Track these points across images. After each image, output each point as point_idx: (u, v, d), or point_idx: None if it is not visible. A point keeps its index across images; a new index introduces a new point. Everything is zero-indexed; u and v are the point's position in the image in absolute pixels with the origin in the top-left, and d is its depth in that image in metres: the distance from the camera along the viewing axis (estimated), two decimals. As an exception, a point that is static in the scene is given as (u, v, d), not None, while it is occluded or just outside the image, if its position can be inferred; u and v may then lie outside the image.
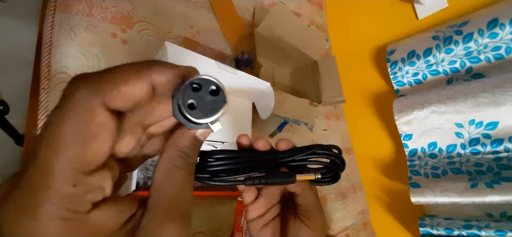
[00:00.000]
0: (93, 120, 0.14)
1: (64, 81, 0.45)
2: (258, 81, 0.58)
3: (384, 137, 0.96)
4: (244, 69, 0.55)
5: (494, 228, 0.64)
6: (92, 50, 0.48)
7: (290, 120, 0.72)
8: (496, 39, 0.68)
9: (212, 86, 0.17)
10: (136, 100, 0.16)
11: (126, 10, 0.55)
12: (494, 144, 0.68)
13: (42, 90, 0.44)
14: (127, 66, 0.16)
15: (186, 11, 0.65)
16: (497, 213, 0.69)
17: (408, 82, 0.88)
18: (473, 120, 0.70)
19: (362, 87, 1.03)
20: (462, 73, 0.77)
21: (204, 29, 0.67)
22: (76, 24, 0.48)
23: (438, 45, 0.77)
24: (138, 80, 0.16)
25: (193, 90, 0.17)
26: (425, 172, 0.79)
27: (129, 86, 0.15)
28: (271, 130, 0.76)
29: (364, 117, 1.02)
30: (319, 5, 1.12)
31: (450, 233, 0.70)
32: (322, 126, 0.95)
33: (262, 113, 0.62)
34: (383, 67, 0.94)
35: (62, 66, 0.45)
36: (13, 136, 0.66)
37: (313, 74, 0.82)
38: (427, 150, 0.80)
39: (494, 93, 0.66)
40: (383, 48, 0.95)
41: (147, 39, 0.56)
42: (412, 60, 0.83)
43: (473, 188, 0.67)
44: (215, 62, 0.51)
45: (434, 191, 0.73)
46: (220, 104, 0.17)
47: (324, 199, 0.83)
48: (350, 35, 1.09)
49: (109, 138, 0.15)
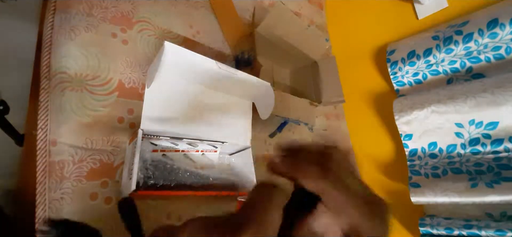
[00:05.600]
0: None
1: (64, 81, 0.45)
2: (258, 81, 0.58)
3: (384, 137, 0.96)
4: (244, 69, 0.55)
5: (494, 228, 0.64)
6: (92, 50, 0.48)
7: (290, 120, 0.72)
8: (496, 39, 0.68)
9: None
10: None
11: (126, 10, 0.55)
12: (494, 144, 0.68)
13: (42, 90, 0.44)
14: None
15: (186, 11, 0.65)
16: (497, 213, 0.69)
17: (408, 82, 0.88)
18: (473, 120, 0.70)
19: (362, 87, 1.03)
20: (462, 73, 0.77)
21: (204, 29, 0.67)
22: (76, 24, 0.48)
23: (438, 45, 0.77)
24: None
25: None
26: (425, 172, 0.79)
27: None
28: (271, 130, 0.76)
29: (364, 117, 1.02)
30: (319, 5, 1.12)
31: (450, 233, 0.70)
32: (322, 126, 0.94)
33: (262, 113, 0.62)
34: (383, 67, 0.94)
35: (62, 66, 0.45)
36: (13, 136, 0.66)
37: (313, 74, 0.82)
38: (427, 150, 0.80)
39: (494, 93, 0.65)
40: (383, 48, 0.95)
41: (147, 39, 0.56)
42: (412, 60, 0.82)
43: (473, 188, 0.67)
44: (215, 62, 0.51)
45: (434, 191, 0.73)
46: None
47: (324, 199, 0.83)
48: (350, 35, 1.09)
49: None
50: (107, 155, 0.46)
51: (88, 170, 0.44)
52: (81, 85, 0.46)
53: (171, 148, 0.53)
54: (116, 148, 0.48)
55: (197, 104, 0.54)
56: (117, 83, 0.50)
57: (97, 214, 0.44)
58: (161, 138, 0.49)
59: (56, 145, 0.43)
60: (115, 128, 0.48)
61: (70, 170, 0.42)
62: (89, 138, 0.45)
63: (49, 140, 0.42)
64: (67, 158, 0.43)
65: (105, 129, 0.47)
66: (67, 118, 0.44)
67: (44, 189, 0.41)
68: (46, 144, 0.42)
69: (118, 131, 0.48)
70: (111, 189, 0.46)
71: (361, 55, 1.04)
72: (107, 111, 0.48)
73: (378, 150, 0.97)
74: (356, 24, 1.08)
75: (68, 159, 0.43)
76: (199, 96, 0.54)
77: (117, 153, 0.47)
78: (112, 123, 0.48)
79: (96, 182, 0.45)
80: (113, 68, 0.50)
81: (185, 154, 0.56)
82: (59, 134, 0.43)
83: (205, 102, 0.55)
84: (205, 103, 0.55)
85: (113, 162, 0.47)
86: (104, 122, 0.47)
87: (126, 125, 0.49)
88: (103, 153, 0.46)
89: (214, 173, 0.57)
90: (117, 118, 0.49)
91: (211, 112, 0.55)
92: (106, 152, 0.46)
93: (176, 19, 0.62)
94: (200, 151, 0.57)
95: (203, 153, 0.58)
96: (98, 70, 0.48)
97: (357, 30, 1.07)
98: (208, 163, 0.58)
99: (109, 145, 0.47)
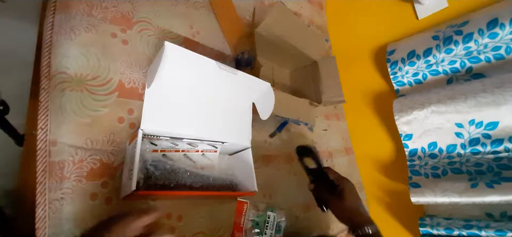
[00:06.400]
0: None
1: (64, 81, 0.45)
2: (258, 81, 0.58)
3: (384, 137, 0.96)
4: (244, 69, 0.55)
5: (494, 228, 0.64)
6: (92, 50, 0.48)
7: (290, 120, 0.72)
8: (496, 39, 0.68)
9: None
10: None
11: (126, 10, 0.55)
12: (494, 144, 0.68)
13: (42, 90, 0.44)
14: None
15: (186, 11, 0.65)
16: (497, 213, 0.69)
17: (408, 82, 0.88)
18: (473, 120, 0.70)
19: (362, 87, 1.03)
20: (462, 73, 0.77)
21: (204, 29, 0.67)
22: (76, 24, 0.48)
23: (438, 45, 0.77)
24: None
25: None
26: (425, 172, 0.79)
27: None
28: (271, 130, 0.76)
29: (364, 117, 1.02)
30: (319, 5, 1.12)
31: (450, 233, 0.70)
32: (322, 126, 0.95)
33: (262, 113, 0.62)
34: (383, 67, 0.94)
35: (62, 66, 0.45)
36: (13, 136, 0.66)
37: (313, 74, 0.82)
38: (427, 150, 0.80)
39: (494, 93, 0.66)
40: (383, 48, 0.95)
41: (147, 39, 0.56)
42: (412, 60, 0.82)
43: (473, 188, 0.67)
44: (215, 63, 0.51)
45: (434, 191, 0.73)
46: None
47: (324, 199, 0.83)
48: (350, 35, 1.09)
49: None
50: (107, 155, 0.46)
51: (88, 170, 0.44)
52: (81, 85, 0.46)
53: (171, 148, 0.53)
54: (116, 148, 0.48)
55: (197, 104, 0.54)
56: (117, 83, 0.50)
57: (97, 214, 0.44)
58: (161, 138, 0.49)
59: (56, 145, 0.43)
60: (115, 128, 0.48)
61: (70, 170, 0.42)
62: (89, 138, 0.45)
63: (49, 140, 0.42)
64: (67, 158, 0.43)
65: (105, 129, 0.47)
66: (67, 118, 0.44)
67: (44, 189, 0.41)
68: (46, 144, 0.42)
69: (118, 131, 0.48)
70: (111, 189, 0.46)
71: (361, 55, 1.04)
72: (107, 111, 0.48)
73: (378, 150, 0.97)
74: (356, 24, 1.08)
75: (68, 159, 0.43)
76: (199, 96, 0.54)
77: (117, 153, 0.47)
78: (112, 123, 0.48)
79: (96, 182, 0.45)
80: (113, 68, 0.50)
81: (185, 154, 0.56)
82: (59, 134, 0.43)
83: (205, 102, 0.55)
84: (205, 103, 0.55)
85: (113, 162, 0.47)
86: (104, 122, 0.47)
87: (126, 125, 0.49)
88: (103, 153, 0.46)
89: (214, 173, 0.57)
90: (117, 118, 0.49)
91: (211, 112, 0.55)
92: (106, 152, 0.46)
93: (176, 19, 0.62)
94: (200, 151, 0.57)
95: (203, 153, 0.58)
96: (98, 70, 0.48)
97: (357, 30, 1.07)
98: (208, 163, 0.58)
99: (109, 145, 0.47)
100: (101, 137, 0.46)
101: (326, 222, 0.81)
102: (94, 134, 0.46)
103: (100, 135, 0.46)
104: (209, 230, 0.56)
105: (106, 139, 0.47)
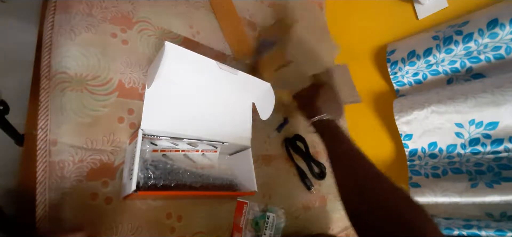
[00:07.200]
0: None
1: (64, 81, 0.45)
2: (258, 81, 0.58)
3: (384, 137, 0.96)
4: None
5: (494, 228, 0.64)
6: (92, 50, 0.48)
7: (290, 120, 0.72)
8: (496, 39, 0.68)
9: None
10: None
11: (126, 10, 0.55)
12: (494, 144, 0.68)
13: (42, 90, 0.44)
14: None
15: (186, 11, 0.65)
16: (497, 213, 0.69)
17: (408, 82, 0.88)
18: (473, 120, 0.70)
19: (362, 87, 1.03)
20: (462, 73, 0.77)
21: (204, 29, 0.67)
22: (76, 24, 0.48)
23: (438, 45, 0.77)
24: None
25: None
26: (425, 172, 0.79)
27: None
28: (271, 130, 0.76)
29: (364, 117, 1.02)
30: (319, 5, 1.12)
31: (450, 233, 0.70)
32: (322, 126, 0.94)
33: (262, 113, 0.62)
34: (383, 67, 0.94)
35: (62, 66, 0.45)
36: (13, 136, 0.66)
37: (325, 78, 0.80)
38: (427, 150, 0.80)
39: (494, 93, 0.65)
40: (383, 48, 0.95)
41: (147, 39, 0.56)
42: (412, 60, 0.82)
43: (473, 188, 0.67)
44: (215, 62, 0.51)
45: (434, 191, 0.73)
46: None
47: (324, 199, 0.83)
48: (350, 35, 1.09)
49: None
50: (107, 155, 0.46)
51: (88, 170, 0.44)
52: (81, 85, 0.46)
53: (171, 148, 0.53)
54: (116, 148, 0.48)
55: (198, 104, 0.54)
56: (117, 83, 0.50)
57: (97, 214, 0.44)
58: (161, 138, 0.49)
59: (56, 145, 0.43)
60: (115, 128, 0.48)
61: (70, 170, 0.42)
62: (89, 138, 0.45)
63: (49, 140, 0.42)
64: (67, 158, 0.43)
65: (105, 129, 0.47)
66: (67, 118, 0.44)
67: (44, 189, 0.41)
68: (46, 144, 0.42)
69: (118, 131, 0.48)
70: (111, 189, 0.46)
71: (361, 55, 1.04)
72: (107, 111, 0.48)
73: (378, 150, 0.97)
74: (356, 24, 1.08)
75: (68, 159, 0.43)
76: (199, 96, 0.54)
77: (117, 153, 0.47)
78: (112, 123, 0.48)
79: (96, 182, 0.45)
80: (113, 68, 0.50)
81: (185, 154, 0.56)
82: (59, 134, 0.43)
83: (205, 102, 0.55)
84: (206, 103, 0.55)
85: (113, 162, 0.47)
86: (104, 122, 0.47)
87: (126, 125, 0.49)
88: (103, 153, 0.46)
89: (214, 173, 0.57)
90: (117, 118, 0.49)
91: (211, 112, 0.55)
92: (106, 152, 0.46)
93: (176, 19, 0.62)
94: (200, 151, 0.57)
95: (203, 153, 0.58)
96: (98, 70, 0.48)
97: (357, 30, 1.07)
98: (208, 163, 0.58)
99: (109, 145, 0.47)
100: (101, 137, 0.46)
101: (326, 222, 0.81)
102: (94, 134, 0.46)
103: (100, 135, 0.46)
104: (208, 230, 0.56)
105: (106, 139, 0.47)
